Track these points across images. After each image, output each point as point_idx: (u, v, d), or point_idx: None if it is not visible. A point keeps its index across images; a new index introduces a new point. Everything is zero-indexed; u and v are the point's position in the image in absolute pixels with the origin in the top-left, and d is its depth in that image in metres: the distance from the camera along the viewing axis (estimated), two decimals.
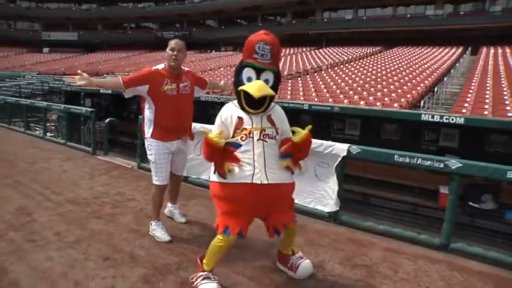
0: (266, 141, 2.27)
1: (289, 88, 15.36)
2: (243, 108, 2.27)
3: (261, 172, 2.24)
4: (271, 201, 2.31)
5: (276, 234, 2.35)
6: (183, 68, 3.26)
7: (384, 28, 28.10)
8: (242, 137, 2.25)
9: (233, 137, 2.28)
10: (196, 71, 24.67)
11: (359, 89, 13.97)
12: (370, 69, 18.77)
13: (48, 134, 8.72)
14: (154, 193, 3.26)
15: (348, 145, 3.63)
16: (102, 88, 2.93)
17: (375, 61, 21.80)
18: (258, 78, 2.18)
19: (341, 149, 3.64)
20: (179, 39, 3.23)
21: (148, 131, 3.17)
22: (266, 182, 2.24)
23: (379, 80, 15.63)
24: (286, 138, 2.36)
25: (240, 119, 2.26)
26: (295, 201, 2.61)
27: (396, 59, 21.80)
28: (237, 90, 2.23)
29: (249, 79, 2.20)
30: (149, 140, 3.18)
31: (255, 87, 2.11)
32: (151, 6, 42.62)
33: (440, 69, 16.91)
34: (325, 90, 14.21)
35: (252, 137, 2.24)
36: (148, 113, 3.15)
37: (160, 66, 3.20)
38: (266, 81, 2.20)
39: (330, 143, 3.71)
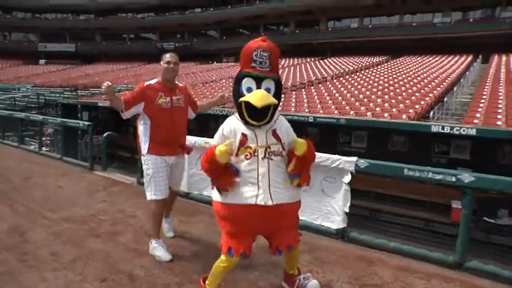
0: (272, 159, 2.26)
1: (294, 100, 15.40)
2: (246, 122, 2.24)
3: (265, 192, 2.22)
4: (275, 221, 2.29)
5: (278, 254, 2.35)
6: (177, 83, 3.38)
7: (391, 37, 28.35)
8: (246, 155, 2.23)
9: (236, 154, 2.27)
10: (197, 83, 24.91)
11: (366, 100, 13.98)
12: (376, 79, 18.83)
13: (43, 148, 8.77)
14: (154, 209, 3.27)
15: (355, 158, 3.63)
16: (114, 105, 3.00)
17: (382, 71, 21.89)
18: (258, 87, 2.17)
19: (348, 162, 3.64)
20: (173, 53, 3.35)
21: (144, 147, 3.23)
22: (270, 203, 2.22)
23: (386, 90, 15.66)
24: (292, 153, 2.34)
25: (244, 136, 2.24)
26: (301, 217, 2.59)
27: (403, 68, 21.91)
28: (238, 102, 2.21)
29: (249, 89, 2.18)
30: (146, 156, 3.24)
31: (257, 96, 2.10)
32: (151, 16, 43.27)
33: (449, 79, 16.95)
34: (330, 102, 14.23)
35: (257, 156, 2.23)
36: (143, 128, 3.23)
37: (153, 81, 3.29)
38: (267, 90, 2.19)
39: (336, 156, 3.71)
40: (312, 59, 30.95)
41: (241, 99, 2.16)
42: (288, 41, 32.90)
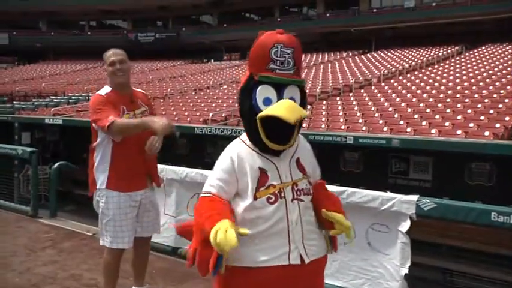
0: (302, 201, 2.29)
1: (324, 113, 15.51)
2: (262, 149, 2.26)
3: (300, 247, 2.25)
4: (309, 284, 2.32)
5: None
6: (134, 89, 3.62)
7: (465, 18, 28.41)
8: (270, 197, 2.24)
9: (255, 197, 2.28)
10: (188, 90, 25.20)
11: (429, 110, 14.02)
12: (444, 81, 18.89)
13: None
14: (108, 260, 3.41)
15: (417, 196, 3.63)
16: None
17: (452, 68, 21.98)
18: (280, 98, 2.20)
19: (406, 203, 3.64)
20: (118, 49, 3.58)
21: (100, 178, 3.38)
22: (307, 259, 2.25)
23: (459, 96, 15.70)
24: (320, 192, 2.40)
25: (262, 172, 2.25)
26: (339, 283, 2.61)
27: (485, 63, 21.96)
28: (252, 120, 2.21)
29: (267, 101, 2.19)
30: (103, 191, 3.38)
31: (285, 107, 2.12)
32: None
33: None
34: (377, 115, 14.30)
35: (284, 197, 2.25)
36: (100, 154, 3.38)
37: (107, 90, 3.45)
38: (291, 99, 2.20)
39: (388, 194, 3.73)
40: (350, 54, 31.40)
41: (261, 114, 2.16)
42: (315, 29, 33.50)
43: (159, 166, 5.36)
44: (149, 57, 40.22)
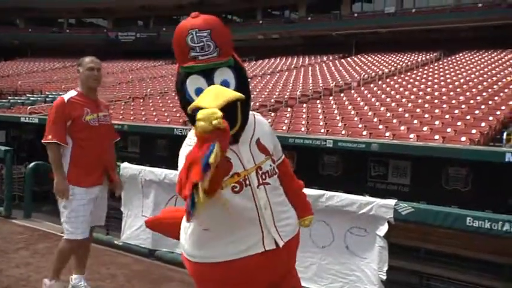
0: (269, 184, 2.27)
1: (304, 116, 15.57)
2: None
3: (272, 230, 2.25)
4: (286, 265, 2.35)
5: None
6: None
7: (444, 24, 28.80)
8: (235, 186, 2.20)
9: (220, 188, 2.25)
10: (169, 90, 24.98)
11: (407, 115, 14.17)
12: (422, 86, 19.11)
13: None
14: (65, 249, 3.74)
15: (395, 201, 3.66)
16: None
17: (430, 74, 22.26)
18: (210, 84, 2.13)
19: (384, 207, 3.67)
20: (93, 57, 3.86)
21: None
22: (281, 242, 2.26)
23: (437, 101, 15.89)
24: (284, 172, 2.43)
25: (226, 159, 2.07)
26: (316, 287, 2.61)
27: (462, 69, 22.32)
28: (189, 114, 2.10)
29: (199, 91, 2.12)
30: None
31: (208, 96, 2.01)
32: None
33: None
34: (357, 119, 14.41)
35: (250, 184, 2.23)
36: (61, 152, 3.69)
37: (73, 93, 3.78)
38: (224, 83, 2.14)
39: (366, 198, 3.75)
40: (331, 57, 31.60)
41: (189, 107, 2.04)
42: (296, 32, 33.65)
43: (137, 167, 5.37)
44: (129, 56, 39.97)
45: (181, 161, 2.18)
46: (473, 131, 11.68)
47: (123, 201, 5.34)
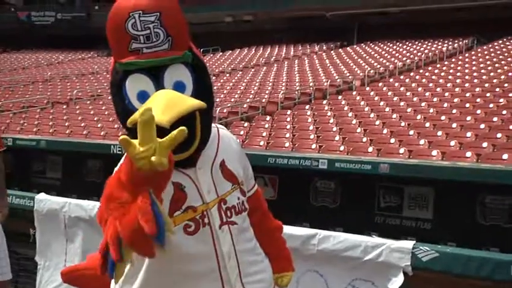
0: (235, 223, 2.26)
1: (289, 127, 15.57)
2: None
3: (237, 285, 2.26)
4: None
5: None
6: None
7: (475, 1, 29.20)
8: (188, 225, 2.18)
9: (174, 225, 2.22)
10: (103, 92, 24.86)
11: (428, 125, 14.20)
12: (449, 85, 19.24)
13: None
14: None
15: (412, 243, 3.68)
16: None
17: (459, 68, 22.52)
18: (158, 87, 2.07)
19: (398, 251, 3.68)
20: None
21: None
22: None
23: (468, 105, 15.95)
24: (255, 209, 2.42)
25: (177, 187, 2.15)
26: None
27: (503, 61, 22.43)
28: (129, 128, 2.03)
29: (143, 96, 2.08)
30: None
31: (157, 105, 1.94)
32: None
33: None
34: (360, 130, 14.44)
35: (209, 223, 2.21)
36: None
37: None
38: (178, 86, 2.09)
39: (374, 240, 3.78)
40: (325, 47, 31.93)
41: (130, 120, 1.99)
42: (278, 13, 33.70)
43: (59, 199, 5.31)
44: (47, 45, 39.74)
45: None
46: None
47: (38, 247, 5.27)
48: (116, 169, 2.13)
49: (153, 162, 1.66)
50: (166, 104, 1.96)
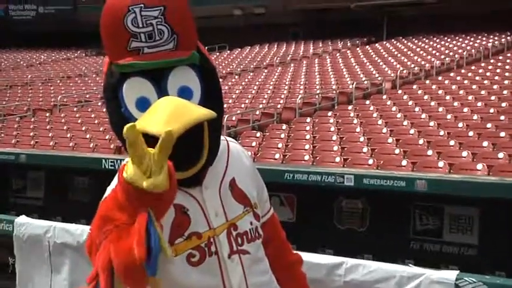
0: (247, 253, 2.26)
1: (308, 137, 15.57)
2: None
3: None
4: None
5: None
6: None
7: None
8: (192, 254, 2.18)
9: (175, 255, 2.23)
10: (92, 97, 25.03)
11: (472, 134, 14.20)
12: (495, 87, 19.20)
13: None
14: None
15: (456, 273, 3.68)
16: None
17: (508, 67, 22.49)
18: (161, 93, 2.06)
19: (439, 283, 3.67)
20: None
21: None
22: None
23: None
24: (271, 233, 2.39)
25: (180, 210, 2.14)
26: None
27: None
28: (124, 139, 1.88)
29: (143, 103, 2.07)
30: None
31: (161, 114, 1.93)
32: None
33: None
34: (391, 140, 14.42)
35: (217, 252, 2.21)
36: None
37: None
38: (185, 92, 2.09)
39: (410, 269, 3.78)
40: (349, 44, 31.98)
41: (127, 127, 1.83)
42: (293, 4, 33.74)
43: (42, 223, 5.34)
44: (28, 44, 39.97)
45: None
46: None
47: (18, 278, 5.31)
48: (109, 187, 2.14)
49: (149, 186, 1.65)
50: (171, 113, 1.92)
